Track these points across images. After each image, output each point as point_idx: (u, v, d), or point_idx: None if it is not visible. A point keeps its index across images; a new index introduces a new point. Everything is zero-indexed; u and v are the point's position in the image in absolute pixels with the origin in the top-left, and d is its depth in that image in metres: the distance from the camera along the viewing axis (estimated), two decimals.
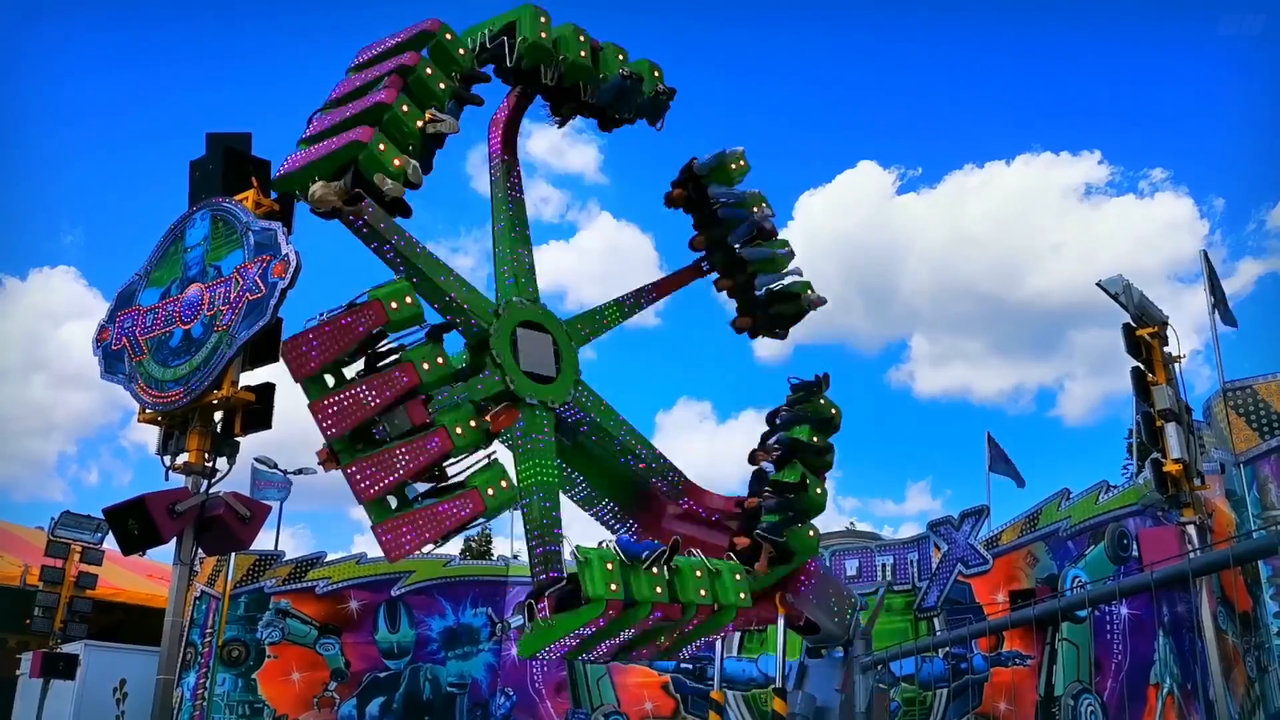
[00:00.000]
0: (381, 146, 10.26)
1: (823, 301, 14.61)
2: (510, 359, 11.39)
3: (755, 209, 13.95)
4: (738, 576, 10.52)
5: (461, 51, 11.48)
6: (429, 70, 10.94)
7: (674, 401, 68.20)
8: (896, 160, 73.13)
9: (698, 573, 10.13)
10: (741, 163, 14.20)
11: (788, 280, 14.18)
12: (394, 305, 9.43)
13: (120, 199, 61.75)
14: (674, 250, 62.47)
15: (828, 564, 20.29)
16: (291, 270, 9.56)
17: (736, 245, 13.93)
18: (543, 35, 12.34)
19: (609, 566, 9.44)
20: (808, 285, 14.39)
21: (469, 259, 62.77)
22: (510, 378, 11.25)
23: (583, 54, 12.62)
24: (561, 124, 13.64)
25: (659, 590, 9.71)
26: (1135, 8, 58.26)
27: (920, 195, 61.34)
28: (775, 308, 14.37)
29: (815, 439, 12.31)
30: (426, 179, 11.42)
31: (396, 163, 10.22)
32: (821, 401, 12.70)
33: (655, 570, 9.77)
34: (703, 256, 14.44)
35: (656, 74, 13.46)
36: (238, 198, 10.29)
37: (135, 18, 57.46)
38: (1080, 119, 63.22)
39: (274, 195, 10.40)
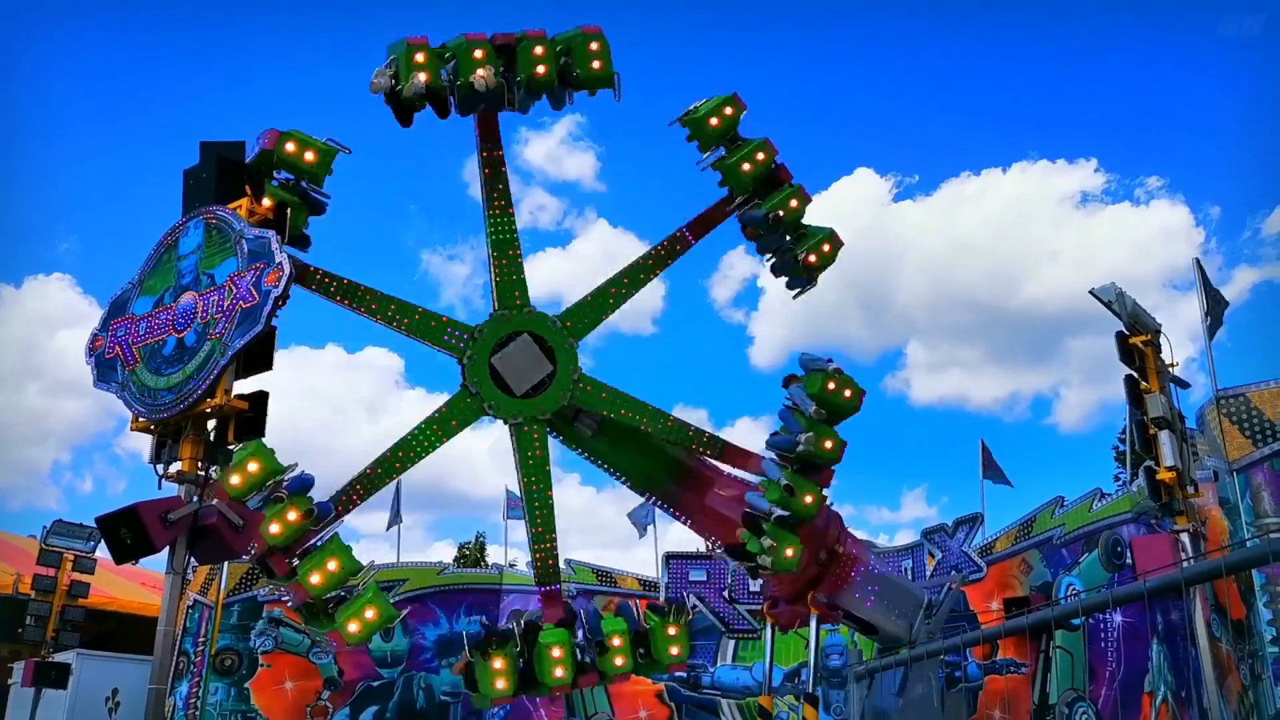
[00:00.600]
0: (419, 57, 10.86)
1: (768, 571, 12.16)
2: (484, 363, 11.52)
3: (811, 432, 12.10)
4: (352, 625, 9.95)
5: (596, 65, 11.50)
6: (538, 50, 11.21)
7: (670, 409, 67.82)
8: (893, 168, 73.13)
9: (332, 563, 9.80)
10: (845, 392, 12.38)
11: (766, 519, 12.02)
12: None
13: (116, 206, 61.62)
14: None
15: None
16: (285, 278, 9.57)
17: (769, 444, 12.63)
18: (712, 121, 12.19)
19: (254, 468, 9.41)
20: (781, 539, 11.76)
21: (465, 266, 62.68)
22: (474, 382, 11.46)
23: (745, 166, 12.37)
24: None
25: (274, 530, 9.54)
26: (1133, 16, 58.41)
27: (917, 203, 61.41)
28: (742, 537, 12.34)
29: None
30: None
31: (419, 76, 10.67)
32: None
33: (293, 513, 9.59)
34: None
35: (825, 247, 12.79)
36: (231, 206, 10.30)
37: (138, 21, 57.34)
38: (1077, 127, 63.33)
39: (267, 202, 10.44)
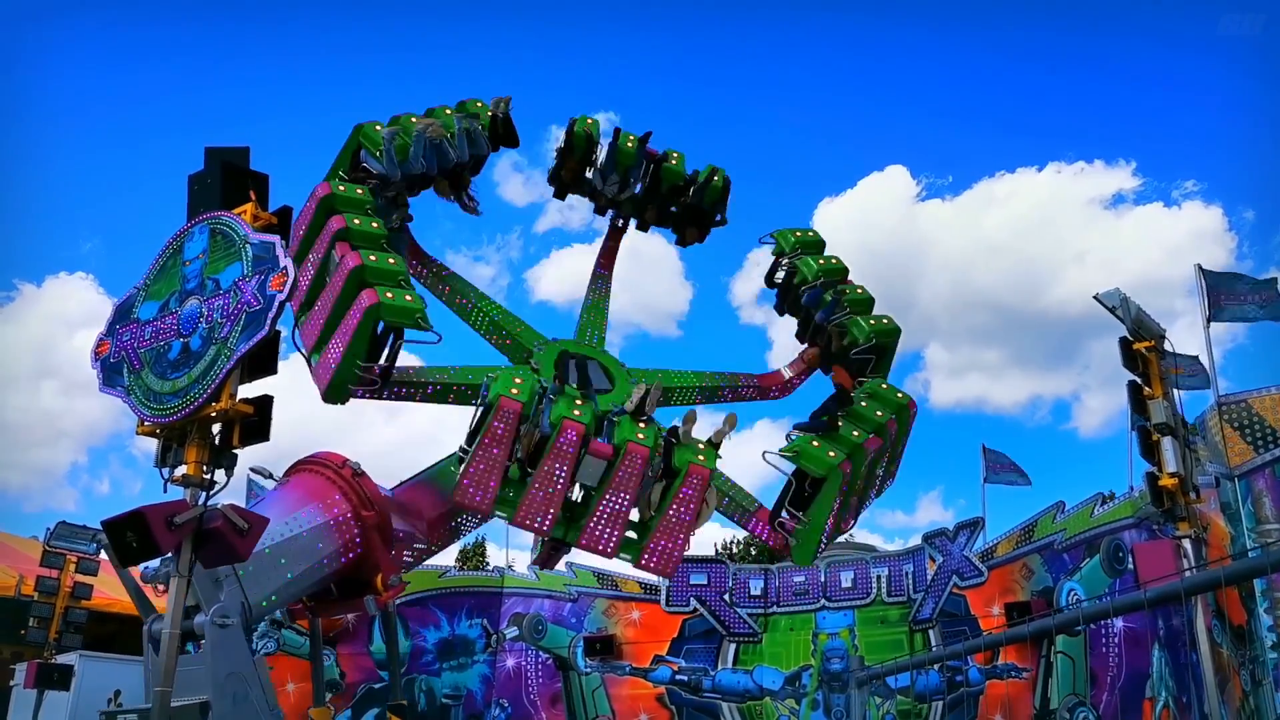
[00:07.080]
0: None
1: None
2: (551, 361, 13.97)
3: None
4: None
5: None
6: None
7: None
8: (928, 167, 72.42)
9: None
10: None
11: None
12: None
13: (140, 206, 61.62)
14: (696, 258, 62.66)
15: (823, 578, 20.30)
16: (289, 283, 9.60)
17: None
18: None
19: None
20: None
21: (490, 268, 62.72)
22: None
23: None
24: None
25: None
26: (1181, 18, 58.00)
27: (945, 202, 60.98)
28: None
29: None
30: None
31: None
32: None
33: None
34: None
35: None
36: (236, 211, 10.33)
37: (165, 19, 57.37)
38: (1117, 128, 62.73)
39: (272, 208, 10.48)
